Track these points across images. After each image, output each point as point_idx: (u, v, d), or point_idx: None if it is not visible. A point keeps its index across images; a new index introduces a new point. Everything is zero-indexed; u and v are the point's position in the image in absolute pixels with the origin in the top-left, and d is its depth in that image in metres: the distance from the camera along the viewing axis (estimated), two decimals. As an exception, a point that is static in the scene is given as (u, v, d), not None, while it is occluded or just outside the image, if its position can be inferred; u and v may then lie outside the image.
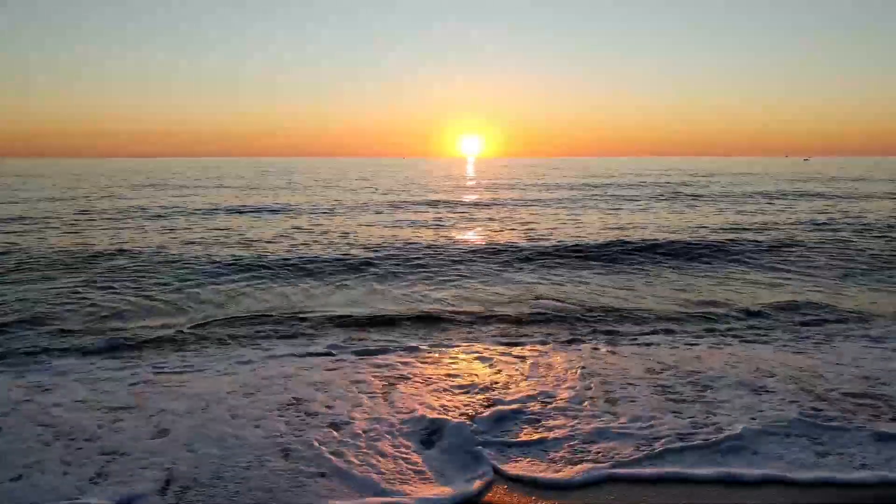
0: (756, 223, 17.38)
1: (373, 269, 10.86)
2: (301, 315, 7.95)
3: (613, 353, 6.33)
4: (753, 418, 4.65)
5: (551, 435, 4.43)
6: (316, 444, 4.29)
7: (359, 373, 5.73)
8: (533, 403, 4.98)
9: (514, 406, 4.90)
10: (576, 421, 4.65)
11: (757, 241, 13.57)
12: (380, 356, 6.28)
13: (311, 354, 6.35)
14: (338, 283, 9.96)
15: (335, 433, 4.47)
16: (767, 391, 5.19)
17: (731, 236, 14.50)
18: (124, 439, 4.40)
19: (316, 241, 14.19)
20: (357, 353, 6.36)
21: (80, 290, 9.25)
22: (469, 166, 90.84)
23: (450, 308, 8.28)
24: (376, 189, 35.23)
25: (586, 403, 4.97)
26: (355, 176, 56.39)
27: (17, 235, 15.04)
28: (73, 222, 17.82)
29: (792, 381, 5.40)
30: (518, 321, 7.68)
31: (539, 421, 4.67)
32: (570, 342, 6.77)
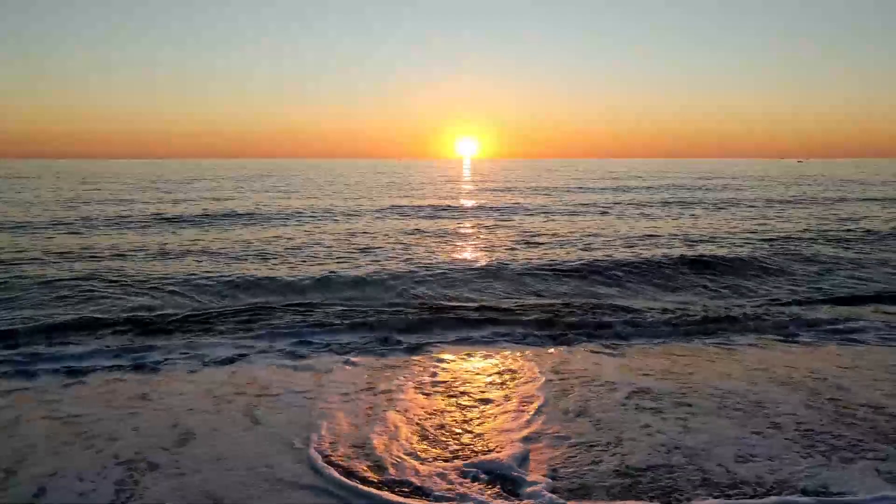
0: (748, 228, 17.63)
1: (372, 271, 11.08)
2: (300, 313, 8.18)
3: (602, 355, 6.57)
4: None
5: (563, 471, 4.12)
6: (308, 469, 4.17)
7: (346, 377, 5.93)
8: (534, 429, 4.75)
9: (507, 447, 4.42)
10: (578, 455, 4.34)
11: (745, 247, 13.79)
12: (358, 356, 6.58)
13: (310, 354, 6.67)
14: (344, 284, 10.26)
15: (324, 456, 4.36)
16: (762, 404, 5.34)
17: (728, 241, 14.82)
18: (147, 444, 4.41)
19: (316, 244, 14.37)
20: (348, 353, 6.68)
21: (84, 286, 9.57)
22: (466, 169, 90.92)
23: (450, 310, 8.47)
24: (378, 192, 35.29)
25: (572, 422, 4.87)
26: (355, 177, 56.32)
27: (14, 236, 15.21)
28: (72, 225, 17.91)
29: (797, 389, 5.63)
30: (512, 323, 7.85)
31: (549, 454, 4.38)
32: (554, 344, 7.02)
